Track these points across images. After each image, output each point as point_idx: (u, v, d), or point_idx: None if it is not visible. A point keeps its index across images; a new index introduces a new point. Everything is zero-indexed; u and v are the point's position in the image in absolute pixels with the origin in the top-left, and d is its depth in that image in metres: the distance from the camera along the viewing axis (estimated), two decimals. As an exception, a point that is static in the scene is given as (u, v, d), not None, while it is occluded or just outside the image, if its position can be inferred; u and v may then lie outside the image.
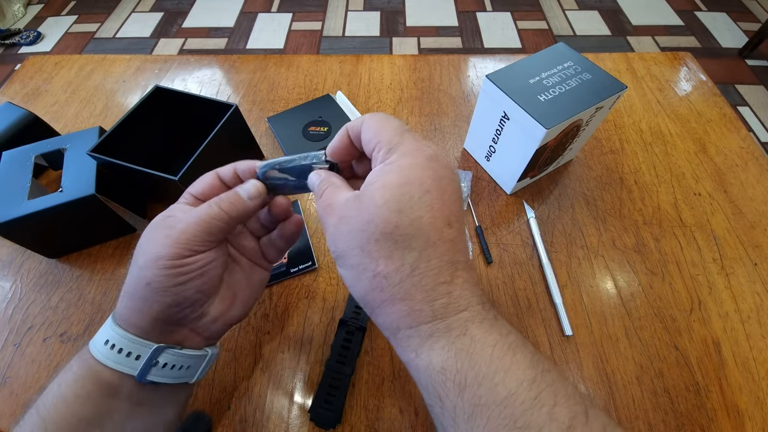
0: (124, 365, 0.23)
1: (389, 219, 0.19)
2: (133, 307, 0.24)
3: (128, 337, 0.24)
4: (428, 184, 0.20)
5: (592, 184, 0.50)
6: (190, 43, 1.90)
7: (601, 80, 0.41)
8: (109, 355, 0.23)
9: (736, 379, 0.36)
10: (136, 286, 0.24)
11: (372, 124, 0.23)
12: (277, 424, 0.34)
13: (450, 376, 0.19)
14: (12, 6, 2.04)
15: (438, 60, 0.65)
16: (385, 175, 0.21)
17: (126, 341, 0.24)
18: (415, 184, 0.20)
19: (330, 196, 0.23)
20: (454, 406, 0.18)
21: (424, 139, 0.23)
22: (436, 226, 0.20)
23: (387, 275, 0.20)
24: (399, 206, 0.20)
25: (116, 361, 0.23)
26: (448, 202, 0.21)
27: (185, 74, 0.65)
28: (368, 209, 0.20)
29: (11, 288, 0.43)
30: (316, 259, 0.44)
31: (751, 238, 0.45)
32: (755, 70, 1.70)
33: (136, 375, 0.24)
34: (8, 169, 0.42)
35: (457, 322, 0.20)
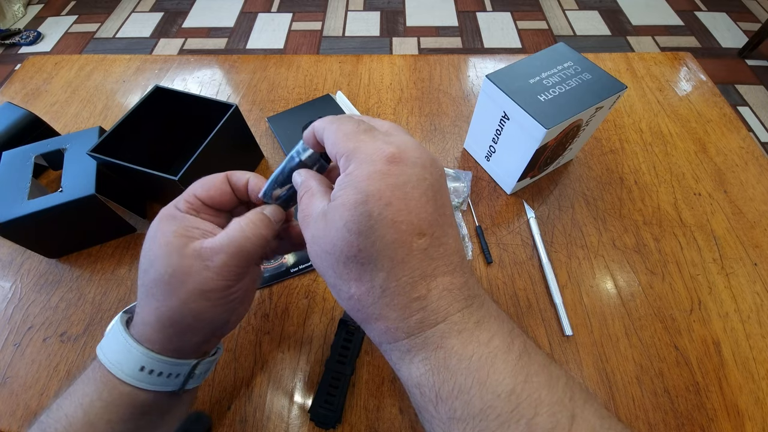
0: (165, 385, 0.24)
1: (351, 243, 0.18)
2: (175, 334, 0.24)
3: (168, 362, 0.24)
4: (388, 195, 0.18)
5: (592, 184, 0.50)
6: (190, 43, 1.90)
7: (601, 80, 0.41)
8: (147, 380, 0.23)
9: (736, 379, 0.36)
10: (181, 319, 0.23)
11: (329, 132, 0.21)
12: (277, 424, 0.34)
13: (426, 391, 0.18)
14: (12, 6, 2.04)
15: (438, 60, 0.65)
16: (344, 191, 0.19)
17: (166, 365, 0.24)
18: (374, 198, 0.18)
19: (306, 206, 0.22)
20: (432, 418, 0.18)
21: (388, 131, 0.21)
22: (402, 242, 0.18)
23: (359, 298, 0.19)
24: (358, 228, 0.18)
25: (155, 383, 0.23)
26: (416, 210, 0.19)
27: (185, 74, 0.65)
28: (331, 232, 0.19)
29: (11, 288, 0.43)
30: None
31: (751, 238, 0.45)
32: (755, 70, 1.70)
33: (176, 390, 0.24)
34: (8, 169, 0.42)
35: (433, 336, 0.19)
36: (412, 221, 0.19)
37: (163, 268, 0.23)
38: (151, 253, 0.24)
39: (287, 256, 0.43)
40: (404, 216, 0.18)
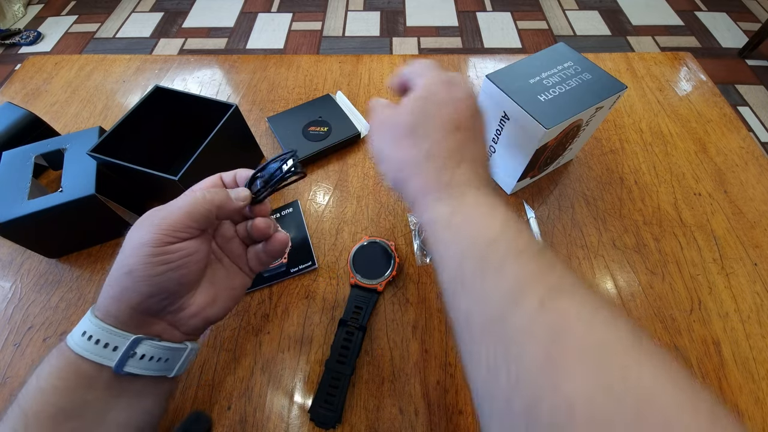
0: (102, 356, 0.23)
1: (412, 121, 0.27)
2: (113, 296, 0.24)
3: (106, 328, 0.24)
4: (443, 97, 0.28)
5: (592, 184, 0.50)
6: (190, 43, 1.90)
7: (601, 80, 0.41)
8: (86, 347, 0.23)
9: (736, 379, 0.36)
10: (118, 275, 0.24)
11: (412, 68, 0.31)
12: (277, 424, 0.34)
13: (442, 220, 0.25)
14: (12, 6, 2.04)
15: (438, 60, 0.65)
16: (414, 91, 0.29)
17: (104, 332, 0.24)
18: (432, 95, 0.28)
19: (375, 103, 0.31)
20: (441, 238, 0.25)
21: (447, 70, 0.30)
22: (445, 128, 0.27)
23: (409, 159, 0.27)
24: (420, 110, 0.28)
25: (93, 352, 0.23)
26: (457, 113, 0.27)
27: (185, 74, 0.65)
28: (401, 113, 0.28)
29: (11, 288, 0.43)
30: (316, 259, 0.44)
31: (751, 238, 0.45)
32: (755, 70, 1.70)
33: (113, 366, 0.24)
34: (8, 170, 0.42)
35: (457, 190, 0.26)
36: (454, 117, 0.27)
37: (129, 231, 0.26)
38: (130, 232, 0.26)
39: (287, 256, 0.43)
40: (450, 113, 0.28)
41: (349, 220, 0.47)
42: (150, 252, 0.24)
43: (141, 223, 0.26)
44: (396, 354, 0.38)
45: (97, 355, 0.23)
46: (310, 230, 0.46)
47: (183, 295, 0.26)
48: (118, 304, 0.24)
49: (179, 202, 0.26)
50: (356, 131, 0.53)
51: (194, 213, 0.26)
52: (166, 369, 0.26)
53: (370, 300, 0.39)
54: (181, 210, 0.26)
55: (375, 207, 0.48)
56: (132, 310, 0.24)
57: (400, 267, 0.42)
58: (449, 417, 0.34)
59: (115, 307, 0.24)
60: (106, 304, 0.24)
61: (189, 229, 0.26)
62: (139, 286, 0.24)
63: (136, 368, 0.24)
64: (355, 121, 0.54)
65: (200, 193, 0.27)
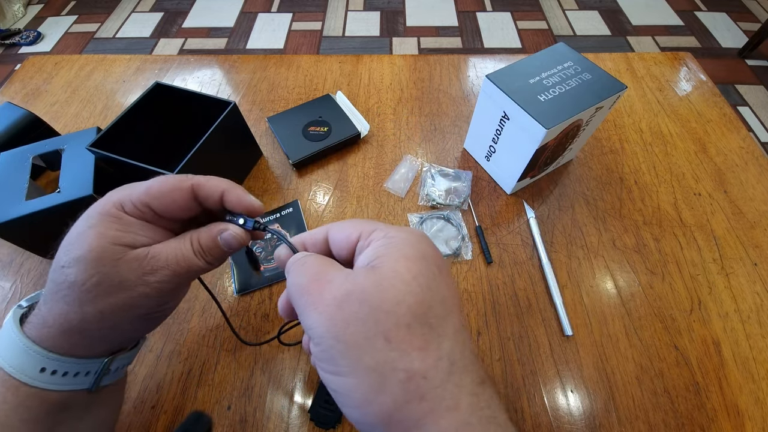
0: (75, 384, 0.22)
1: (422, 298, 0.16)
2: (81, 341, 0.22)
3: (73, 362, 0.22)
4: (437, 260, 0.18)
5: (592, 184, 0.50)
6: (190, 43, 1.90)
7: (601, 80, 0.41)
8: (51, 380, 0.21)
9: (736, 379, 0.36)
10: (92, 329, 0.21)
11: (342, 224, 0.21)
12: (277, 424, 0.34)
13: None
14: (12, 6, 2.04)
15: (438, 60, 0.65)
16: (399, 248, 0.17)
17: (72, 365, 0.22)
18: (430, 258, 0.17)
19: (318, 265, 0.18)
20: None
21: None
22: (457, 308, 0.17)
23: (425, 374, 0.15)
24: (427, 282, 0.16)
25: (61, 383, 0.22)
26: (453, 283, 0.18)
27: (185, 74, 0.65)
28: (394, 284, 0.16)
29: (11, 288, 0.43)
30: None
31: (751, 238, 0.45)
32: (755, 70, 1.70)
33: (89, 387, 0.23)
34: (6, 170, 0.42)
35: None
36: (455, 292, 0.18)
37: (87, 273, 0.20)
38: (77, 251, 0.21)
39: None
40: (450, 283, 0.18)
41: (349, 220, 0.47)
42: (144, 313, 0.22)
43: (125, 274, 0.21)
44: (396, 354, 0.37)
45: (69, 385, 0.22)
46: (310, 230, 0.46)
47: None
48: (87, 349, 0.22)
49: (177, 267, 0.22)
50: (356, 131, 0.53)
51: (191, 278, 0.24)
52: (128, 365, 0.27)
53: None
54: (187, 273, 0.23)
55: (375, 207, 0.48)
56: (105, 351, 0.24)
57: None
58: (449, 417, 0.34)
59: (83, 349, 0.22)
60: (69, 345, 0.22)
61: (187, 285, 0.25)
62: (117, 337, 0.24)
63: (110, 378, 0.24)
64: (355, 121, 0.54)
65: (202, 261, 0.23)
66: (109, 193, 0.23)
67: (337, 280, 0.17)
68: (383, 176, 0.51)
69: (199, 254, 0.23)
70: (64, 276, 0.21)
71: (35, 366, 0.21)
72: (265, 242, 0.45)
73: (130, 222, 0.22)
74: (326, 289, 0.17)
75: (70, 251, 0.21)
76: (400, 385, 0.15)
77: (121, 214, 0.22)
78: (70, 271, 0.21)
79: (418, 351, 0.15)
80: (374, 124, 0.56)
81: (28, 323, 0.22)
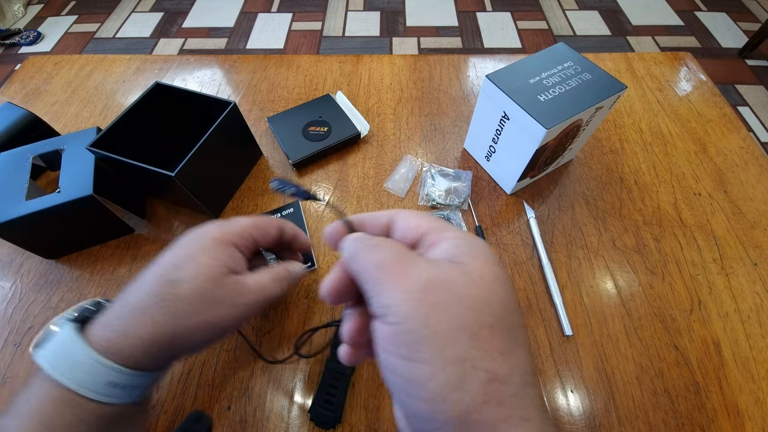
0: (130, 397, 0.24)
1: (505, 302, 0.15)
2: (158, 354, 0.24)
3: (138, 375, 0.24)
4: (503, 271, 0.17)
5: (592, 184, 0.50)
6: (190, 43, 1.90)
7: (601, 80, 0.41)
8: (114, 393, 0.23)
9: (736, 379, 0.36)
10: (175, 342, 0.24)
11: (409, 212, 0.20)
12: (277, 424, 0.34)
13: None
14: (12, 6, 2.04)
15: (438, 60, 0.65)
16: (479, 249, 0.17)
17: (136, 378, 0.24)
18: (500, 266, 0.17)
19: (399, 246, 0.17)
20: None
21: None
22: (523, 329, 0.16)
23: (504, 379, 0.14)
24: (506, 288, 0.16)
25: (120, 396, 0.23)
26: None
27: (185, 74, 0.65)
28: (480, 283, 0.15)
29: (11, 288, 0.43)
30: (316, 259, 0.43)
31: (751, 238, 0.45)
32: (755, 70, 1.70)
33: (135, 400, 0.25)
34: (6, 170, 0.42)
35: None
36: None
37: (197, 289, 0.24)
38: (190, 270, 0.25)
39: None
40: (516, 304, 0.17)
41: (349, 220, 0.47)
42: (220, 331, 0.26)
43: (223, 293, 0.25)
44: (396, 354, 0.37)
45: (126, 397, 0.24)
46: (310, 230, 0.46)
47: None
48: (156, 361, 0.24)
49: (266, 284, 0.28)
50: (356, 131, 0.53)
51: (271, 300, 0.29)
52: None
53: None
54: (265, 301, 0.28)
55: (375, 207, 0.48)
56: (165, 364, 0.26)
57: None
58: (449, 417, 0.34)
59: (152, 361, 0.24)
60: (144, 356, 0.24)
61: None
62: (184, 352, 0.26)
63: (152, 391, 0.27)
64: (355, 121, 0.54)
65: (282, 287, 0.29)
66: (218, 225, 0.28)
67: (422, 265, 0.16)
68: (383, 176, 0.51)
69: (276, 282, 0.29)
70: (173, 289, 0.24)
71: (103, 380, 0.22)
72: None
73: (234, 251, 0.27)
74: (411, 271, 0.16)
75: (184, 269, 0.25)
76: (481, 385, 0.14)
77: (229, 241, 0.27)
78: (181, 285, 0.24)
79: (499, 354, 0.15)
80: (374, 124, 0.56)
81: (93, 335, 0.23)
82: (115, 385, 0.23)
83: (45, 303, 0.41)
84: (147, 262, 0.44)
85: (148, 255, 0.44)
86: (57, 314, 0.40)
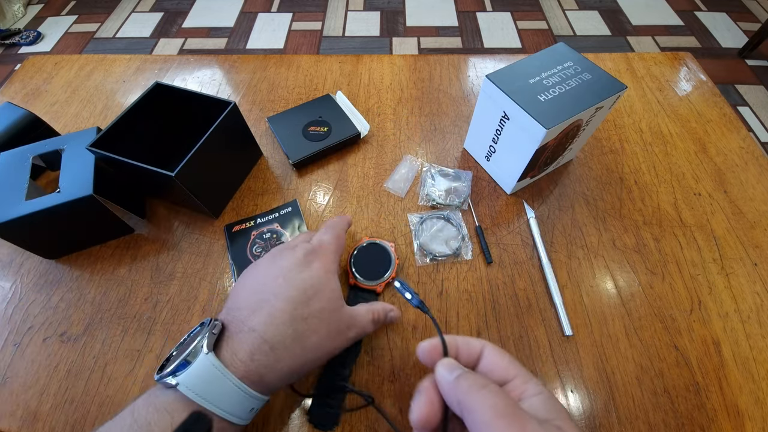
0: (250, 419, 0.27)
1: None
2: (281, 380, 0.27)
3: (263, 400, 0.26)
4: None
5: (592, 184, 0.50)
6: (190, 43, 1.90)
7: (601, 80, 0.41)
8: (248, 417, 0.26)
9: (736, 379, 0.36)
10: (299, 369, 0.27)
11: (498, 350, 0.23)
12: (277, 424, 0.34)
13: None
14: (12, 6, 2.04)
15: (438, 60, 0.65)
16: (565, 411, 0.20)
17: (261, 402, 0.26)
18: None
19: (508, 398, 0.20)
20: None
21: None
22: None
23: None
24: None
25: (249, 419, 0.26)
26: None
27: (185, 74, 0.65)
28: None
29: (11, 288, 0.43)
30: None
31: (751, 238, 0.45)
32: (755, 70, 1.70)
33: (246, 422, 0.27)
34: (6, 170, 0.42)
35: None
36: None
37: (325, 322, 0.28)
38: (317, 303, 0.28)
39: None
40: None
41: (349, 220, 0.47)
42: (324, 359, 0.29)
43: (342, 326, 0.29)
44: (396, 354, 0.37)
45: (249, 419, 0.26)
46: (309, 228, 0.46)
47: None
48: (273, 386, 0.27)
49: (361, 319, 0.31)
50: (356, 131, 0.53)
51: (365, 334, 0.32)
52: None
53: (368, 301, 0.39)
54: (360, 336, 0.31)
55: (375, 207, 0.48)
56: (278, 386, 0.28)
57: (399, 268, 0.42)
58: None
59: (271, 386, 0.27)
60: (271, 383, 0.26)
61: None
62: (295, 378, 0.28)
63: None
64: (355, 121, 0.54)
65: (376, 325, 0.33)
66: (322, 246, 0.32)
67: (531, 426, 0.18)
68: (383, 176, 0.51)
69: (374, 323, 0.32)
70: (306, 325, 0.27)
71: (248, 407, 0.25)
72: (265, 241, 0.45)
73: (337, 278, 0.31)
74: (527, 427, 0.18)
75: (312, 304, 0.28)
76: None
77: (336, 269, 0.32)
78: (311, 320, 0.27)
79: None
80: (374, 124, 0.56)
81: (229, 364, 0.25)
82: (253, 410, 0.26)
83: (45, 303, 0.41)
84: (147, 262, 0.44)
85: (148, 255, 0.44)
86: (57, 314, 0.40)
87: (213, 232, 0.46)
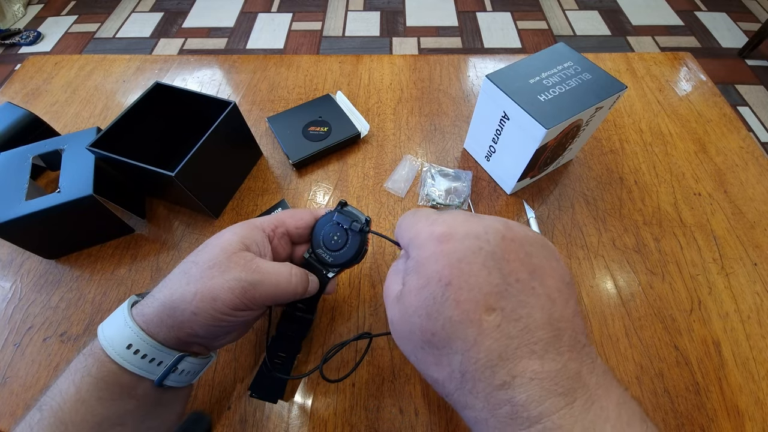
0: (146, 370, 0.24)
1: (424, 327, 0.18)
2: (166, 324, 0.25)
3: (155, 345, 0.24)
4: (446, 275, 0.18)
5: (592, 184, 0.50)
6: (190, 43, 1.90)
7: (601, 80, 0.41)
8: (132, 360, 0.24)
9: (736, 379, 0.36)
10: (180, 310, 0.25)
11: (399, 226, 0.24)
12: (277, 424, 0.34)
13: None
14: (12, 6, 2.04)
15: (438, 60, 0.65)
16: (409, 277, 0.20)
17: (152, 349, 0.24)
18: (433, 281, 0.18)
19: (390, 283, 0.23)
20: None
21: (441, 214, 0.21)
22: (471, 320, 0.17)
23: (443, 383, 0.19)
24: (427, 311, 0.18)
25: (139, 366, 0.24)
26: (477, 284, 0.18)
27: (185, 74, 0.65)
28: (405, 318, 0.20)
29: (11, 288, 0.43)
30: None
31: (751, 238, 0.45)
32: (755, 70, 1.70)
33: (155, 380, 0.24)
34: (6, 170, 0.42)
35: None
36: (475, 297, 0.17)
37: (210, 255, 0.26)
38: (214, 241, 0.27)
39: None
40: (465, 293, 0.17)
41: (349, 220, 0.47)
42: (223, 311, 0.25)
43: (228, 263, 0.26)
44: (396, 354, 0.38)
45: (142, 369, 0.24)
46: (310, 230, 0.46)
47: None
48: (168, 330, 0.25)
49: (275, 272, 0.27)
50: (356, 131, 0.53)
51: (275, 298, 0.27)
52: (193, 378, 0.28)
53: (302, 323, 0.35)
54: (275, 291, 0.27)
55: (375, 207, 0.48)
56: (178, 339, 0.25)
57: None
58: (449, 417, 0.34)
59: (164, 332, 0.25)
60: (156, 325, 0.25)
61: (261, 307, 0.27)
62: (196, 328, 0.25)
63: (174, 381, 0.26)
64: (355, 121, 0.54)
65: (301, 288, 0.29)
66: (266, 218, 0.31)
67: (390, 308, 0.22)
68: (383, 176, 0.51)
69: (293, 277, 0.28)
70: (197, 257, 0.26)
71: (125, 341, 0.24)
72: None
73: (258, 232, 0.29)
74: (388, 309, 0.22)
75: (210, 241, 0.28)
76: (432, 383, 0.20)
77: (255, 225, 0.29)
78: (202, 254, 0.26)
79: (433, 366, 0.19)
80: (374, 124, 0.56)
81: (138, 305, 0.26)
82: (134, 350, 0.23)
83: (45, 303, 0.41)
84: (147, 262, 0.44)
85: (148, 255, 0.44)
86: (57, 314, 0.40)
87: (213, 232, 0.45)
